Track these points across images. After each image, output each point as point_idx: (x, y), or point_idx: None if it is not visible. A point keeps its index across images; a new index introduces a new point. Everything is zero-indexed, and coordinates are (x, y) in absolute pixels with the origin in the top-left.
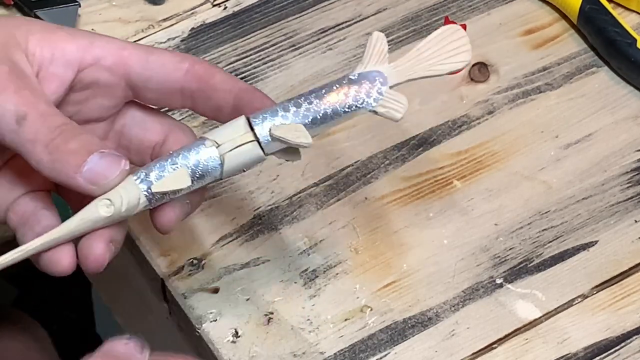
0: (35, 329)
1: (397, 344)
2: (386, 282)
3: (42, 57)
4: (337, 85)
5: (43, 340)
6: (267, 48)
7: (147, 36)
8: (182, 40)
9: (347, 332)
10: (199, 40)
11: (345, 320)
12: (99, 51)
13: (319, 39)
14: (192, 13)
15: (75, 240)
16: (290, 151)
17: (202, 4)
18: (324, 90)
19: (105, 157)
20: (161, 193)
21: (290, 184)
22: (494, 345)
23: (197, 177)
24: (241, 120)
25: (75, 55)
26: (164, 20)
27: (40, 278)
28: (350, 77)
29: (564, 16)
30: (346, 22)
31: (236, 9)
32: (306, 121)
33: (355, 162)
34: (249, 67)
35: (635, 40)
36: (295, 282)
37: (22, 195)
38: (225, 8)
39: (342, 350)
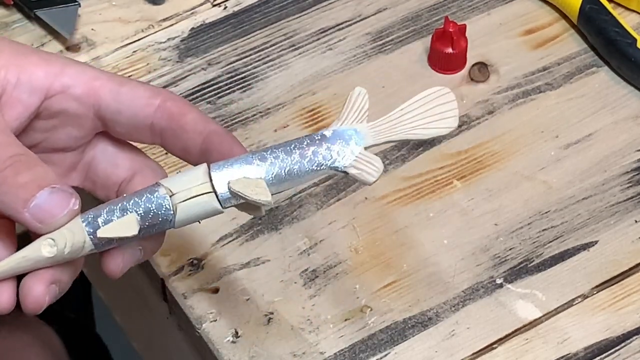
0: (38, 327)
1: (397, 344)
2: (386, 282)
3: (5, 81)
4: (309, 141)
5: (46, 337)
6: (267, 48)
7: (147, 36)
8: (182, 40)
9: (347, 332)
10: (199, 40)
11: (345, 320)
12: (69, 79)
13: (319, 39)
14: (192, 13)
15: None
16: (251, 207)
17: (202, 4)
18: (293, 146)
19: (55, 193)
20: (106, 239)
21: None
22: (494, 345)
23: (146, 225)
24: (201, 169)
25: (42, 81)
26: (164, 20)
27: None
28: (324, 132)
29: (564, 16)
30: (346, 22)
31: (236, 9)
32: (269, 176)
33: None
34: (249, 67)
35: (635, 40)
36: (295, 282)
37: None
38: (225, 8)
39: (342, 350)
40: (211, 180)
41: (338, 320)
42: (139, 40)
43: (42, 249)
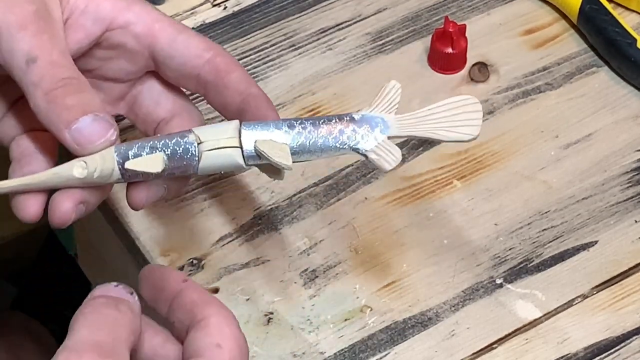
0: (35, 329)
1: (397, 344)
2: (386, 282)
3: (75, 6)
4: (337, 120)
5: (43, 339)
6: (267, 48)
7: None
8: None
9: (347, 332)
10: None
11: (345, 320)
12: (133, 16)
13: (319, 39)
14: (192, 13)
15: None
16: (272, 169)
17: (202, 4)
18: (322, 121)
19: (97, 121)
20: (133, 171)
21: (290, 184)
22: (494, 345)
23: (171, 166)
24: (232, 124)
25: (108, 13)
26: None
27: (40, 278)
28: (353, 115)
29: (564, 16)
30: (346, 22)
31: (236, 9)
32: (294, 144)
33: (355, 162)
34: (249, 67)
35: (635, 40)
36: (295, 282)
37: (30, 131)
38: (225, 8)
39: (342, 350)
40: (240, 136)
41: (338, 320)
42: None
43: (74, 169)
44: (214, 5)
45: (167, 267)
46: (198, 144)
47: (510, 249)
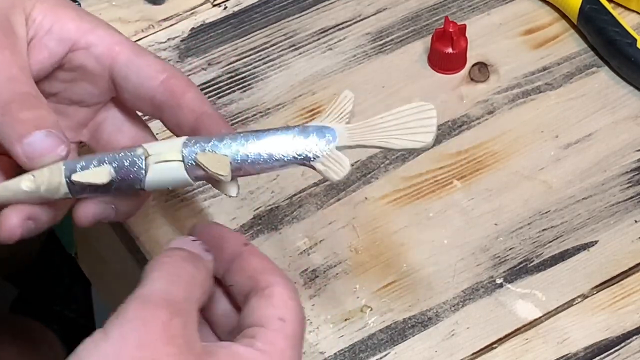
0: (35, 332)
1: (397, 344)
2: (386, 282)
3: (40, 26)
4: (284, 132)
5: (44, 342)
6: (267, 48)
7: (147, 36)
8: (182, 40)
9: (347, 332)
10: (199, 40)
11: (345, 320)
12: (95, 39)
13: (319, 39)
14: (192, 13)
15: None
16: (220, 184)
17: (202, 4)
18: (268, 132)
19: (49, 136)
20: (79, 184)
21: (290, 184)
22: (494, 345)
23: (118, 178)
24: (179, 140)
25: (72, 34)
26: (164, 20)
27: (40, 278)
28: (304, 126)
29: (564, 16)
30: (346, 22)
31: (236, 9)
32: (236, 156)
33: (355, 162)
34: (249, 67)
35: (635, 40)
36: (295, 282)
37: None
38: (225, 8)
39: (342, 350)
40: (182, 151)
41: (338, 320)
42: (139, 40)
43: (21, 182)
44: (214, 5)
45: (226, 226)
46: (145, 157)
47: (510, 249)
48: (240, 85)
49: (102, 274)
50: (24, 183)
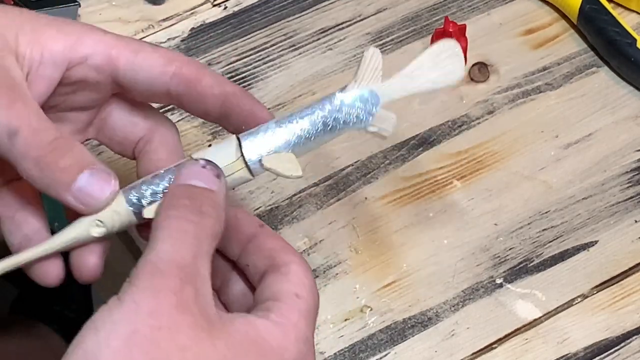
0: (35, 331)
1: (397, 344)
2: (386, 282)
3: (31, 59)
4: (330, 108)
5: (44, 339)
6: (267, 48)
7: (147, 36)
8: (182, 40)
9: (347, 332)
10: (199, 40)
11: (345, 320)
12: (87, 49)
13: (319, 39)
14: (192, 13)
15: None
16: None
17: (202, 4)
18: (316, 114)
19: (95, 174)
20: (149, 219)
21: (290, 184)
22: (494, 345)
23: None
24: (232, 145)
25: (63, 55)
26: (164, 20)
27: None
28: (343, 98)
29: (564, 16)
30: (346, 22)
31: (236, 9)
32: (297, 148)
33: (355, 162)
34: (249, 67)
35: (635, 40)
36: None
37: (10, 181)
38: (225, 8)
39: (342, 350)
40: (243, 155)
41: (338, 320)
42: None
43: (90, 230)
44: (214, 5)
45: (240, 208)
46: None
47: (510, 249)
48: (241, 85)
49: (102, 275)
50: (94, 230)
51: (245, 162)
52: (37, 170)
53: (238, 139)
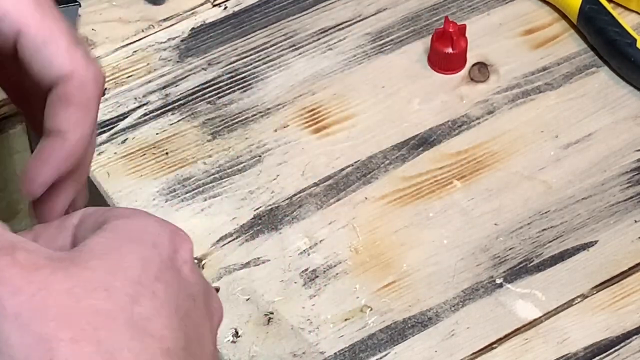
0: None
1: (397, 344)
2: (386, 282)
3: None
4: None
5: None
6: (267, 48)
7: (147, 36)
8: (182, 40)
9: (347, 332)
10: (199, 40)
11: (345, 320)
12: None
13: (319, 39)
14: (192, 13)
15: None
16: None
17: (202, 4)
18: None
19: None
20: None
21: (290, 184)
22: (494, 345)
23: None
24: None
25: None
26: (164, 20)
27: None
28: None
29: (564, 16)
30: (346, 22)
31: (236, 9)
32: None
33: (355, 162)
34: (249, 67)
35: (635, 40)
36: (295, 282)
37: None
38: (225, 8)
39: (342, 350)
40: None
41: (338, 320)
42: (139, 40)
43: None
44: (214, 5)
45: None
46: None
47: (510, 249)
48: (241, 85)
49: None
50: None
51: None
52: None
53: None
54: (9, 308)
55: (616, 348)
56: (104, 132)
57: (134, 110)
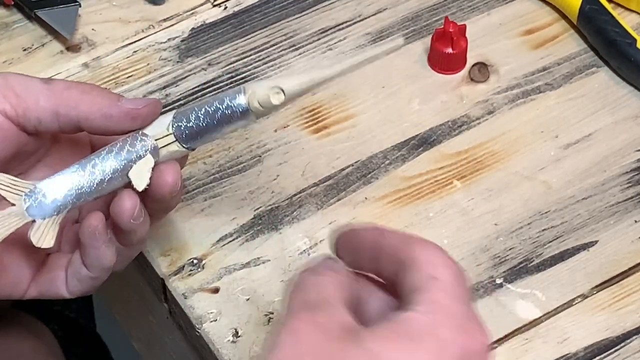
0: (34, 329)
1: None
2: None
3: None
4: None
5: (44, 338)
6: (267, 48)
7: (147, 36)
8: (182, 41)
9: None
10: (199, 40)
11: None
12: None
13: (319, 39)
14: (192, 13)
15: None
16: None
17: (202, 4)
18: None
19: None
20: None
21: (290, 184)
22: (494, 345)
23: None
24: (168, 118)
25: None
26: (164, 20)
27: None
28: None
29: (564, 16)
30: (346, 22)
31: (236, 9)
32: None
33: (356, 162)
34: (249, 67)
35: (635, 40)
36: None
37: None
38: (225, 8)
39: None
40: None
41: None
42: (139, 40)
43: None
44: (214, 6)
45: (355, 225)
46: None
47: (510, 249)
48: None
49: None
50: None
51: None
52: None
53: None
54: None
55: (616, 348)
56: None
57: None
